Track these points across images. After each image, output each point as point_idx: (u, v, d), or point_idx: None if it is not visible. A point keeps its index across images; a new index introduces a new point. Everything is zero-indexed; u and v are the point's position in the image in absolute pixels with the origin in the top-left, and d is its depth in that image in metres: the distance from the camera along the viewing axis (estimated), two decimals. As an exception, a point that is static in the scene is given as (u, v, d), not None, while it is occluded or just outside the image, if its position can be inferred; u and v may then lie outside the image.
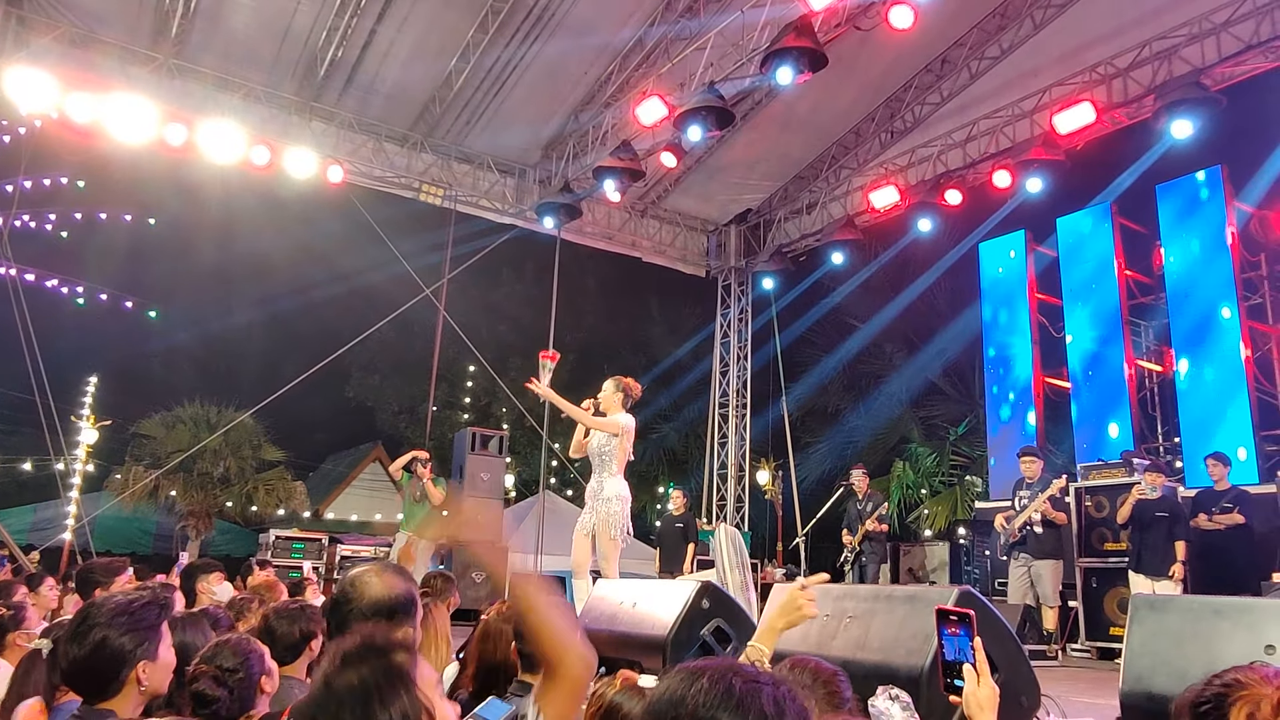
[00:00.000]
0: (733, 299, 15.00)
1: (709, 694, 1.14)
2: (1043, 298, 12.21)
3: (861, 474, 10.30)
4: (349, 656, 1.54)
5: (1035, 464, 8.44)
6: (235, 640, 2.58)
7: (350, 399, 26.55)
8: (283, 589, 5.34)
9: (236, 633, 2.75)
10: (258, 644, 2.60)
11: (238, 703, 2.44)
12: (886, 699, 2.68)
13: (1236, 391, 9.97)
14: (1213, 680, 1.47)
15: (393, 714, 1.48)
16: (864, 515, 9.73)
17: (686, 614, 3.88)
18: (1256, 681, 1.42)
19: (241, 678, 2.45)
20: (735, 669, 1.19)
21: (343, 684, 1.49)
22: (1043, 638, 7.91)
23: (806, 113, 12.24)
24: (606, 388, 6.52)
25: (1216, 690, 1.44)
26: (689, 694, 1.15)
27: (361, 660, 1.53)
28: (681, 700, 1.15)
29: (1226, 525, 7.82)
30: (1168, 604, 2.76)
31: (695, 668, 1.20)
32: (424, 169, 12.60)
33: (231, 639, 2.60)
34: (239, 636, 2.63)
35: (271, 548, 10.89)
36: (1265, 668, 1.46)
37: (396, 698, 1.49)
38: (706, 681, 1.15)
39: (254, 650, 2.54)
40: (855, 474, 10.25)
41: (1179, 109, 9.44)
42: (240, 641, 2.57)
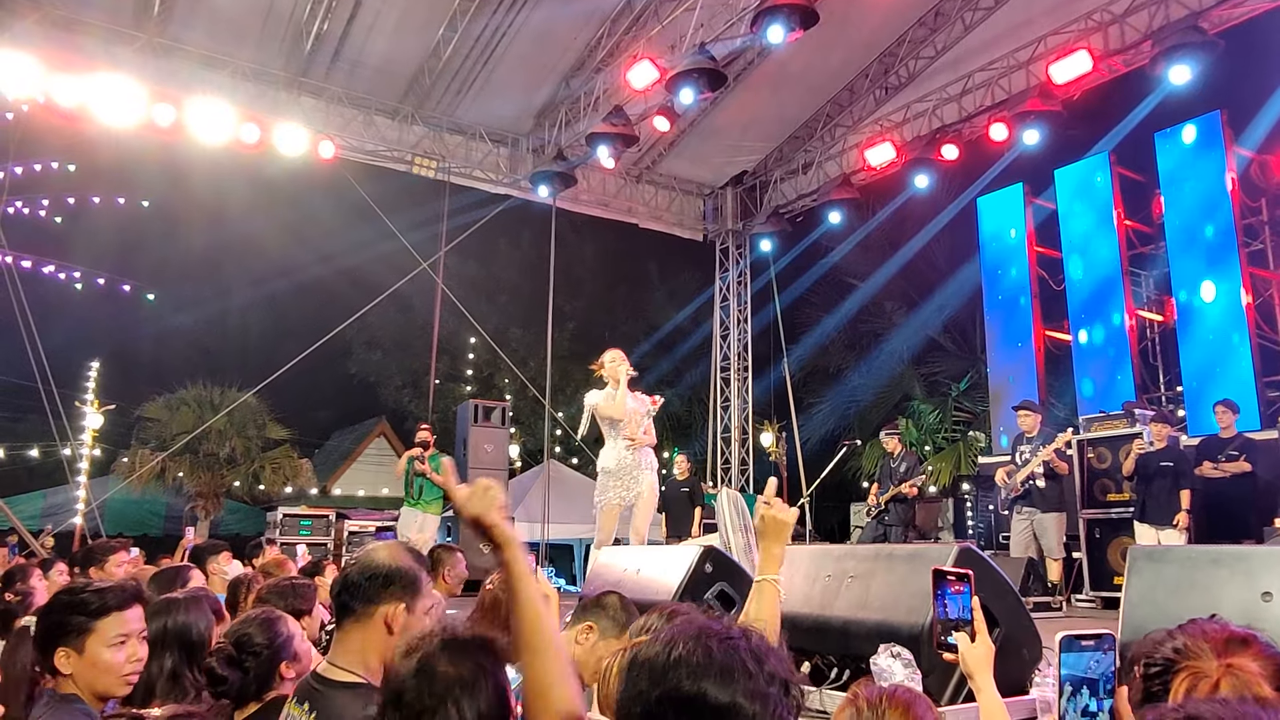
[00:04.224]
0: (731, 262, 14.93)
1: (689, 661, 1.14)
2: (1042, 250, 12.14)
3: (889, 434, 9.99)
4: (453, 646, 1.60)
5: (1032, 417, 8.43)
6: (267, 616, 2.54)
7: (353, 375, 26.60)
8: (292, 566, 5.38)
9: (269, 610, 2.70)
10: (291, 625, 2.56)
11: (254, 683, 2.42)
12: (888, 656, 2.71)
13: (1239, 338, 9.94)
14: (1167, 639, 1.47)
15: (480, 710, 1.53)
16: (895, 474, 9.62)
17: (690, 579, 3.91)
18: (1205, 653, 1.42)
19: (263, 658, 2.43)
20: (708, 630, 1.19)
21: (443, 670, 1.55)
22: (1047, 590, 7.96)
23: (799, 71, 12.09)
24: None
25: (1167, 655, 1.44)
26: (670, 664, 1.15)
27: (465, 651, 1.59)
28: (663, 672, 1.15)
29: (1232, 473, 7.83)
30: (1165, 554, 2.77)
31: (670, 637, 1.20)
32: (416, 141, 12.49)
33: (263, 614, 2.57)
34: (272, 613, 2.59)
35: (279, 525, 10.96)
36: (1221, 628, 1.45)
37: (485, 696, 1.55)
38: (684, 648, 1.16)
39: (285, 631, 2.50)
40: (884, 435, 9.98)
41: (1177, 54, 9.31)
42: (273, 619, 2.53)
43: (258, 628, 2.47)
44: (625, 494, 6.29)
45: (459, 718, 1.52)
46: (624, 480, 6.30)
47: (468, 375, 26.23)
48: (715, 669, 1.13)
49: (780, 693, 1.14)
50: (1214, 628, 1.46)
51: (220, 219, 22.10)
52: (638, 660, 1.20)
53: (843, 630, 3.25)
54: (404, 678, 1.57)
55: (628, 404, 6.42)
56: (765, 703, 1.12)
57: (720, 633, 1.19)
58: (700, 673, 1.13)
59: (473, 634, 1.64)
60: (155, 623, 2.66)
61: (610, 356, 6.52)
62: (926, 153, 11.74)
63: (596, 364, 6.59)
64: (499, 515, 1.65)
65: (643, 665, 1.18)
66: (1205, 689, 1.38)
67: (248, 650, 2.42)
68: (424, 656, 1.58)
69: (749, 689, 1.12)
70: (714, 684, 1.12)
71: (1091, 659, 1.48)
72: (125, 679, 2.35)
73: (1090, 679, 1.51)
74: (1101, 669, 1.51)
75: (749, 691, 1.12)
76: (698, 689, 1.12)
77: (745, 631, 1.21)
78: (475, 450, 10.20)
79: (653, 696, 1.14)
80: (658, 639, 1.21)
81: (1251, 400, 9.51)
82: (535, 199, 13.19)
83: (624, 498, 6.29)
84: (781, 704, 1.14)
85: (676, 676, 1.13)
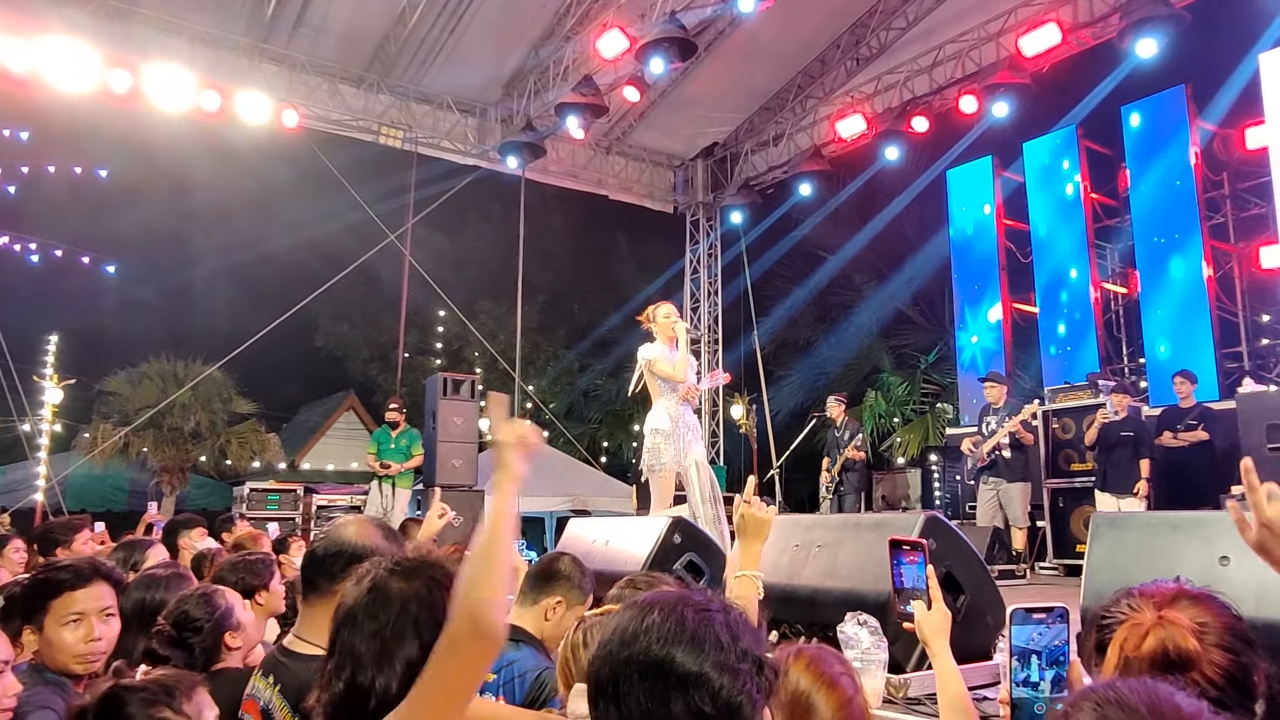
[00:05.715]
0: (701, 234, 14.90)
1: (661, 628, 1.12)
2: (1009, 223, 12.23)
3: (837, 402, 10.12)
4: (403, 566, 1.61)
5: (997, 388, 8.54)
6: (204, 591, 2.54)
7: (320, 348, 26.31)
8: (266, 541, 5.32)
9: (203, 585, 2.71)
10: (229, 597, 2.55)
11: (201, 657, 2.41)
12: (855, 624, 2.72)
13: (1199, 311, 10.11)
14: (1123, 598, 1.49)
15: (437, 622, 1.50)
16: (842, 444, 9.74)
17: (659, 549, 3.92)
18: (1145, 607, 1.44)
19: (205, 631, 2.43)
20: (686, 599, 1.18)
21: (396, 590, 1.56)
22: (1012, 558, 8.09)
23: (770, 42, 12.01)
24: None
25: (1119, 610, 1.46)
26: (641, 630, 1.13)
27: (416, 571, 1.60)
28: (634, 637, 1.13)
29: (1190, 442, 8.00)
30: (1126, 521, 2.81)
31: (646, 602, 1.18)
32: (382, 111, 12.28)
33: (201, 589, 2.57)
34: (209, 588, 2.59)
35: (246, 500, 10.84)
36: (1174, 587, 1.47)
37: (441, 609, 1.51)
38: (658, 615, 1.14)
39: (223, 604, 2.50)
40: (831, 402, 10.11)
41: (1144, 27, 9.36)
42: (209, 594, 2.52)
43: (195, 604, 2.47)
44: (680, 458, 5.81)
45: (415, 632, 1.52)
46: (681, 443, 5.82)
47: (437, 348, 26.04)
48: (687, 636, 1.11)
49: (752, 670, 1.13)
50: (1168, 586, 1.48)
51: (182, 188, 21.63)
52: (612, 623, 1.19)
53: (810, 599, 3.27)
54: (357, 600, 1.57)
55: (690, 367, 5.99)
56: (735, 677, 1.10)
57: (698, 603, 1.17)
58: (671, 639, 1.11)
59: (421, 557, 1.65)
60: (134, 598, 2.66)
61: (665, 311, 6.03)
62: (897, 125, 11.75)
63: (644, 316, 6.10)
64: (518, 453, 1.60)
65: (616, 627, 1.17)
66: (1135, 640, 1.41)
67: (188, 627, 2.42)
68: (375, 579, 1.59)
69: (719, 660, 1.10)
70: (683, 651, 1.10)
71: (1035, 631, 1.50)
72: (81, 658, 2.32)
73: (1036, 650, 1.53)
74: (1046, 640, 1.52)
75: (718, 663, 1.10)
76: (666, 653, 1.10)
77: (726, 606, 1.19)
78: (444, 424, 10.13)
79: (621, 658, 1.12)
80: (634, 603, 1.20)
81: (1211, 371, 9.70)
82: (504, 170, 13.05)
83: (678, 462, 5.81)
84: (752, 681, 1.12)
85: (647, 640, 1.12)
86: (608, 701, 1.13)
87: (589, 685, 1.16)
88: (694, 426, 5.96)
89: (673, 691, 1.09)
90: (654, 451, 5.85)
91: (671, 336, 5.91)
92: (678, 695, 1.09)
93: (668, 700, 1.09)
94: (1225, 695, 1.32)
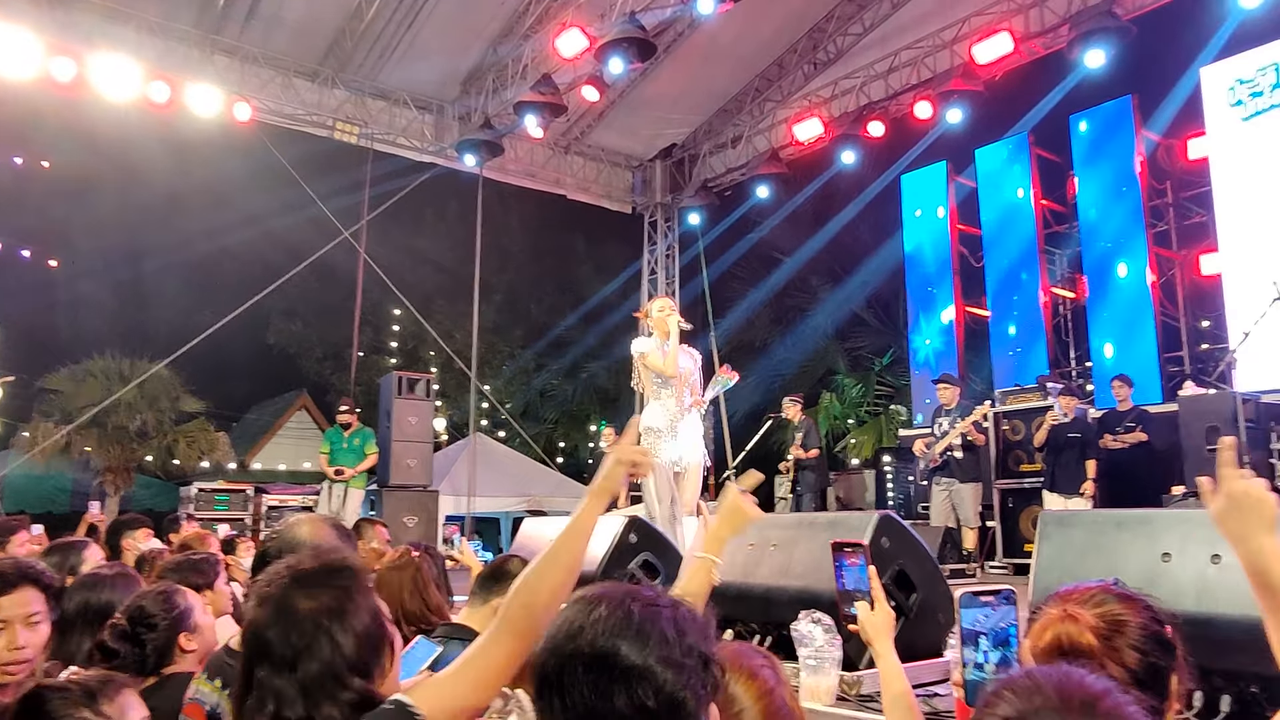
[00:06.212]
0: (659, 235, 14.92)
1: (608, 621, 1.12)
2: (963, 228, 12.43)
3: (792, 403, 10.21)
4: (306, 577, 1.51)
5: (950, 390, 8.67)
6: (164, 589, 2.47)
7: (272, 346, 25.89)
8: (214, 541, 5.22)
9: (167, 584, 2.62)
10: (189, 598, 2.48)
11: (152, 656, 2.34)
12: (809, 623, 2.75)
13: (1143, 316, 10.37)
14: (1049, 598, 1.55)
15: (356, 634, 1.46)
16: (800, 444, 9.80)
17: (615, 549, 3.92)
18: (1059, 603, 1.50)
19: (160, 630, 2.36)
20: (634, 594, 1.17)
21: (305, 609, 1.46)
22: (963, 557, 8.22)
23: (729, 44, 12.07)
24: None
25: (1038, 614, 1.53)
26: (587, 623, 1.13)
27: (321, 582, 1.50)
28: (580, 630, 1.13)
29: (1130, 443, 8.20)
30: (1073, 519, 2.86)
31: (593, 595, 1.18)
32: (337, 106, 12.11)
33: (161, 587, 2.49)
34: (170, 586, 2.51)
35: (194, 501, 10.62)
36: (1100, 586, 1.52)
37: (357, 618, 1.47)
38: (605, 609, 1.14)
39: (183, 604, 2.43)
40: (786, 402, 10.23)
41: (1092, 38, 9.59)
42: (169, 592, 2.45)
43: (154, 601, 2.40)
44: (676, 457, 5.54)
45: (333, 649, 1.43)
46: (674, 441, 5.57)
47: (392, 347, 25.77)
48: (632, 630, 1.11)
49: (698, 666, 1.12)
50: (1093, 585, 1.53)
51: (130, 181, 21.09)
52: (559, 617, 1.18)
53: (765, 598, 3.29)
54: (263, 627, 1.45)
55: (682, 361, 5.70)
56: (680, 672, 1.10)
57: (646, 598, 1.17)
58: (616, 631, 1.11)
59: (321, 561, 1.55)
60: (77, 599, 2.59)
61: (659, 305, 5.80)
62: (853, 129, 11.89)
63: (641, 312, 5.93)
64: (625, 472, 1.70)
65: (564, 620, 1.16)
66: (1037, 632, 1.49)
67: (144, 624, 2.35)
68: (277, 599, 1.47)
69: (664, 655, 1.10)
70: (628, 644, 1.10)
71: (981, 613, 1.53)
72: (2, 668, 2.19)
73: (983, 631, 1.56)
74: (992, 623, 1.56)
75: (664, 658, 1.10)
76: (611, 646, 1.10)
77: (674, 602, 1.19)
78: (399, 423, 10.03)
79: (566, 650, 1.12)
80: (583, 597, 1.19)
81: (1154, 375, 9.95)
82: (461, 168, 12.94)
83: (675, 460, 5.54)
84: (697, 678, 1.11)
85: (593, 633, 1.11)
86: (552, 693, 1.12)
87: (535, 677, 1.15)
88: (694, 426, 5.72)
89: (616, 685, 1.08)
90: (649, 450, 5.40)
91: (665, 331, 5.66)
92: (621, 688, 1.08)
93: (611, 693, 1.08)
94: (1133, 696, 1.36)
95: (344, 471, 9.56)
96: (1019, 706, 0.91)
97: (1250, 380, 7.19)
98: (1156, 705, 1.39)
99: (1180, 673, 1.45)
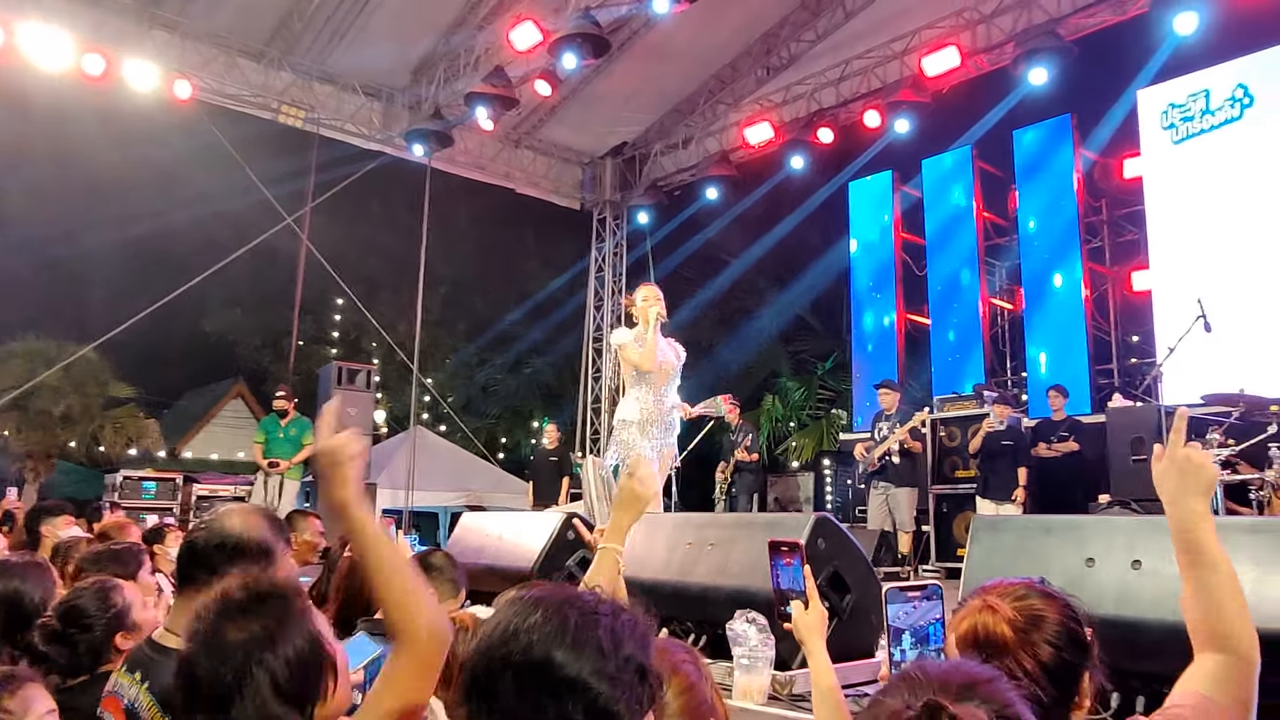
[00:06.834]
0: (607, 233, 14.90)
1: (543, 628, 1.08)
2: (907, 237, 12.64)
3: (731, 404, 10.23)
4: (235, 604, 1.45)
5: (891, 395, 8.82)
6: (101, 585, 2.35)
7: (209, 333, 25.24)
8: (135, 530, 5.05)
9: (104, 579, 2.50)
10: (128, 594, 2.36)
11: (86, 656, 2.23)
12: (744, 622, 2.76)
13: (1076, 329, 10.67)
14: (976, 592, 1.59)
15: (290, 660, 1.41)
16: (735, 445, 9.89)
17: (552, 545, 3.90)
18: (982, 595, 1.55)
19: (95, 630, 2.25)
20: (572, 600, 1.14)
21: (234, 641, 1.40)
22: (897, 560, 8.36)
23: (684, 45, 12.10)
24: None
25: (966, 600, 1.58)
26: (523, 628, 1.09)
27: (250, 610, 1.44)
28: (514, 635, 1.09)
29: (1063, 452, 8.44)
30: (1004, 524, 2.93)
31: (530, 599, 1.14)
32: (283, 88, 11.84)
33: (99, 583, 2.37)
34: (108, 582, 2.40)
35: (119, 489, 10.30)
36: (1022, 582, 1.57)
37: (291, 645, 1.42)
38: (541, 615, 1.10)
39: (120, 602, 2.31)
40: (724, 402, 10.23)
41: (1036, 57, 9.84)
42: (107, 589, 2.33)
43: (90, 598, 2.28)
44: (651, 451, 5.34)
45: (270, 680, 1.38)
46: (650, 437, 5.36)
47: (333, 337, 25.33)
48: (568, 639, 1.07)
49: (634, 679, 1.09)
50: (1019, 581, 1.57)
51: (64, 155, 20.32)
52: (494, 619, 1.14)
53: (701, 596, 3.30)
54: (194, 661, 1.40)
55: (661, 353, 5.46)
56: (615, 686, 1.06)
57: (585, 606, 1.13)
58: (551, 640, 1.07)
59: (251, 586, 1.49)
60: None
61: (643, 294, 5.55)
62: (803, 135, 12.01)
63: (628, 300, 5.72)
64: (345, 473, 1.51)
65: (497, 623, 1.12)
66: (956, 621, 1.54)
67: (77, 624, 2.23)
68: (206, 631, 1.42)
69: (599, 668, 1.06)
70: (563, 654, 1.06)
71: (904, 609, 1.55)
72: None
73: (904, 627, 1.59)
74: (913, 619, 1.58)
75: (599, 670, 1.06)
76: (545, 655, 1.06)
77: (614, 609, 1.15)
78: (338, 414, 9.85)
79: (498, 655, 1.08)
80: (519, 599, 1.15)
81: (1085, 386, 10.25)
82: (409, 158, 12.77)
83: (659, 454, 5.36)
84: (632, 692, 1.08)
85: (527, 639, 1.07)
86: (481, 699, 1.08)
87: (464, 678, 1.12)
88: (670, 422, 5.54)
89: (547, 696, 1.05)
90: (625, 445, 5.40)
91: (646, 320, 5.43)
92: (552, 701, 1.05)
93: (541, 705, 1.05)
94: (1041, 688, 1.40)
95: (279, 464, 9.34)
96: (903, 694, 0.93)
97: (1175, 394, 7.44)
98: (1059, 698, 1.44)
99: (1093, 672, 1.50)
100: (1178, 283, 9.57)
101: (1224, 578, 1.52)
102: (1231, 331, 8.08)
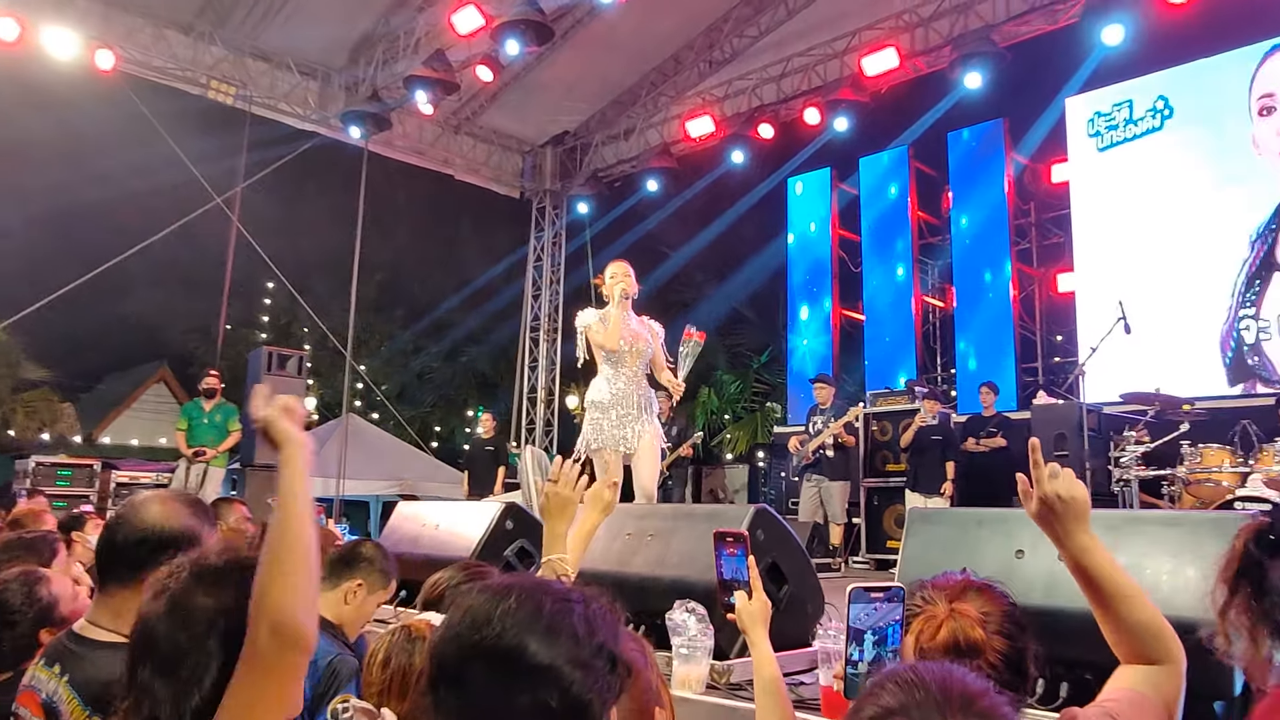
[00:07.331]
0: (546, 222, 14.82)
1: (517, 614, 1.07)
2: (843, 234, 12.83)
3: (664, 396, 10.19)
4: (208, 571, 1.40)
5: (826, 390, 8.97)
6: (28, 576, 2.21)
7: (131, 315, 24.37)
8: (50, 518, 4.86)
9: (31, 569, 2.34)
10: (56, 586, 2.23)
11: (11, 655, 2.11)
12: (683, 612, 2.77)
13: (1004, 328, 10.99)
14: (918, 589, 1.62)
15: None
16: (670, 438, 9.86)
17: (490, 535, 3.87)
18: (939, 599, 1.57)
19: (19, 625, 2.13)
20: (545, 587, 1.13)
21: (201, 605, 1.35)
22: (829, 552, 8.51)
23: (628, 35, 12.07)
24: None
25: (914, 603, 1.59)
26: (495, 614, 1.07)
27: (224, 577, 1.39)
28: (487, 621, 1.07)
29: (991, 448, 8.68)
30: (938, 517, 3.00)
31: (502, 585, 1.12)
32: (213, 64, 11.47)
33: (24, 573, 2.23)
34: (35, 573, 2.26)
35: (31, 475, 9.86)
36: (962, 579, 1.61)
37: None
38: (514, 601, 1.08)
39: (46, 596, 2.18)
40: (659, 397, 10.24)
41: (971, 61, 10.07)
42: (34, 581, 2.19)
43: (16, 591, 2.15)
44: (623, 435, 5.02)
45: (223, 651, 1.33)
46: (621, 420, 5.04)
47: (263, 322, 24.69)
48: (541, 626, 1.06)
49: (606, 667, 1.08)
50: (955, 578, 1.61)
51: (-27, 124, 19.40)
52: (464, 603, 1.12)
53: (640, 586, 3.31)
54: (155, 621, 1.36)
55: (626, 329, 5.17)
56: (588, 673, 1.06)
57: (558, 593, 1.12)
58: (524, 627, 1.06)
59: (228, 557, 1.44)
60: None
61: (611, 271, 5.27)
62: (744, 129, 12.09)
63: (598, 278, 5.43)
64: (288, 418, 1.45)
65: (467, 609, 1.10)
66: (930, 631, 1.53)
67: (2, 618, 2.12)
68: (174, 594, 1.38)
69: (572, 655, 1.06)
70: (537, 641, 1.05)
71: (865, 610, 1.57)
72: None
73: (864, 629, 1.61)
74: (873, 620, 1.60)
75: (572, 657, 1.06)
76: (518, 642, 1.05)
77: (586, 597, 1.14)
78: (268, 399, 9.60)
79: (469, 641, 1.06)
80: (489, 586, 1.13)
81: (1011, 383, 10.56)
82: (346, 140, 12.50)
83: (623, 440, 5.02)
84: (604, 680, 1.08)
85: (500, 626, 1.06)
86: (449, 687, 1.06)
87: (430, 667, 1.09)
88: (643, 402, 5.21)
89: (520, 683, 1.04)
90: (591, 429, 5.10)
91: (612, 296, 5.18)
92: (525, 688, 1.03)
93: (513, 692, 1.03)
94: (1003, 677, 1.46)
95: (205, 453, 9.07)
96: (900, 698, 0.93)
97: (1095, 392, 7.71)
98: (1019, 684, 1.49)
99: (1036, 654, 1.55)
100: (1100, 285, 9.92)
101: (1134, 604, 1.50)
102: (1150, 333, 8.41)
